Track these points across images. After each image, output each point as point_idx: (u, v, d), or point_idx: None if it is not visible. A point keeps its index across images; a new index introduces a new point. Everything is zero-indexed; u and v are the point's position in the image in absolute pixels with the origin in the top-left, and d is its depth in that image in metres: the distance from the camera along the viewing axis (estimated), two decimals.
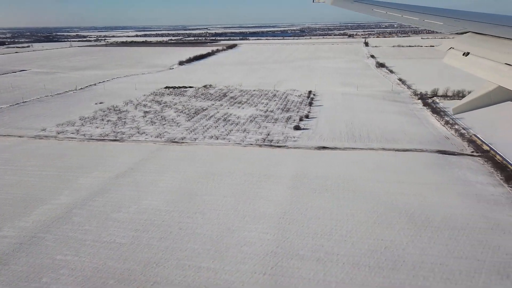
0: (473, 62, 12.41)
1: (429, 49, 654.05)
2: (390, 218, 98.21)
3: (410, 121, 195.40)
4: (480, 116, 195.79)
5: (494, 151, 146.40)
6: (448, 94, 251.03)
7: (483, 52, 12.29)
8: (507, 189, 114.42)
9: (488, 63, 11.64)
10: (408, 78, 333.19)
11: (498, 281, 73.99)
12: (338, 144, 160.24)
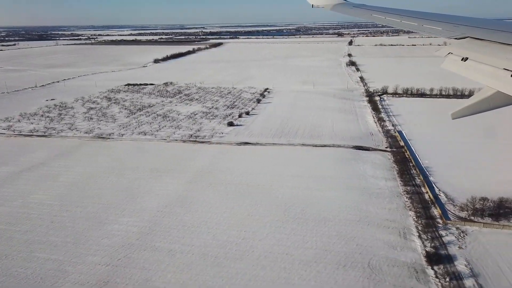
0: (472, 67, 12.52)
1: (410, 47, 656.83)
2: (267, 210, 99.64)
3: (346, 118, 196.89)
4: (420, 114, 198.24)
5: (406, 147, 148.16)
6: (398, 91, 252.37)
7: (482, 58, 12.37)
8: (397, 183, 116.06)
9: (487, 68, 11.73)
10: (371, 76, 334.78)
11: (332, 271, 75.55)
12: (262, 140, 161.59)
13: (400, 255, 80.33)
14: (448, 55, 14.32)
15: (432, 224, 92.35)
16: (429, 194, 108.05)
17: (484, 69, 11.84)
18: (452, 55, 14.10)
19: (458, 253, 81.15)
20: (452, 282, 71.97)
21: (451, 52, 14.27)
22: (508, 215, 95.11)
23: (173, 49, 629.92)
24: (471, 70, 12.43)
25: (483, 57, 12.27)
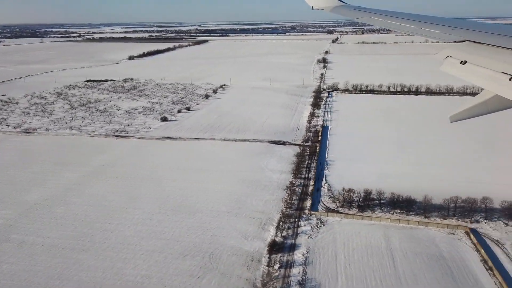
0: (471, 71, 12.46)
1: (391, 45, 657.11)
2: (146, 203, 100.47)
3: (284, 113, 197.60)
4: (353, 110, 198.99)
5: (322, 141, 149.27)
6: (348, 88, 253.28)
7: (480, 61, 12.32)
8: (289, 176, 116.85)
9: (486, 71, 11.64)
10: (335, 73, 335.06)
11: (171, 260, 76.45)
12: (187, 135, 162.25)
13: (247, 245, 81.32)
14: (447, 58, 14.36)
15: (297, 215, 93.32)
16: (312, 186, 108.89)
17: (483, 72, 11.79)
18: (451, 58, 14.13)
19: (304, 242, 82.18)
20: (280, 270, 72.96)
21: (450, 55, 14.29)
22: (375, 206, 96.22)
23: (155, 46, 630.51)
24: (470, 73, 12.41)
25: (482, 61, 12.26)
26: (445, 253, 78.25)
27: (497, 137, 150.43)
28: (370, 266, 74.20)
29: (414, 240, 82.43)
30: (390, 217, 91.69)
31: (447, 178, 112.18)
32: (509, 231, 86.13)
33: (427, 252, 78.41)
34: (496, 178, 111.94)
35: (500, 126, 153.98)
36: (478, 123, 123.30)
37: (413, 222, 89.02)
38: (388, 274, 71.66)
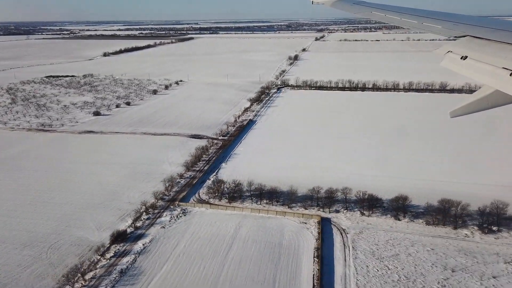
0: (471, 66, 12.38)
1: (373, 43, 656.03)
2: (19, 193, 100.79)
3: (221, 108, 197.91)
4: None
5: (239, 135, 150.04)
6: (299, 84, 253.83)
7: (481, 56, 12.26)
8: (183, 168, 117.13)
9: (486, 67, 11.60)
10: (298, 70, 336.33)
11: (9, 250, 76.90)
12: (111, 129, 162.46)
13: (95, 236, 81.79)
14: (448, 54, 14.28)
15: (163, 206, 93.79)
16: (198, 179, 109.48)
17: (483, 68, 11.71)
18: (451, 53, 14.04)
19: (155, 232, 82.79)
20: (111, 259, 73.49)
21: (451, 50, 14.21)
22: (247, 197, 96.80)
23: (136, 43, 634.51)
24: (470, 68, 12.34)
25: (483, 56, 12.17)
26: (285, 241, 78.90)
27: (377, 127, 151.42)
28: (203, 253, 74.79)
29: (262, 229, 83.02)
30: (252, 207, 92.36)
31: (342, 171, 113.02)
32: (362, 220, 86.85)
33: (268, 240, 79.02)
34: (361, 170, 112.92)
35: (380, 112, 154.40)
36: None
37: (272, 212, 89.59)
38: (216, 261, 72.20)
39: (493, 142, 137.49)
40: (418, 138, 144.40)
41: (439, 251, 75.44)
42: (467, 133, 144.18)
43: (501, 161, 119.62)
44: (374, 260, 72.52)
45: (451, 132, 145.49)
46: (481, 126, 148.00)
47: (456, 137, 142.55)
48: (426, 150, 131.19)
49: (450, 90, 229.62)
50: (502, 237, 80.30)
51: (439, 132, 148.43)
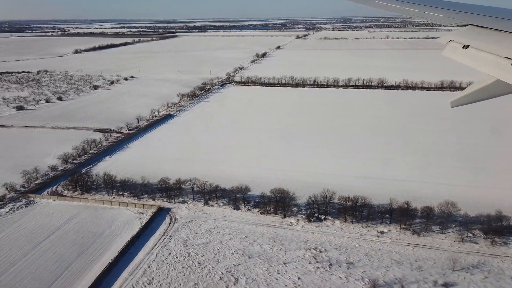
0: (473, 55, 12.18)
1: (352, 41, 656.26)
2: None
3: (149, 103, 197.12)
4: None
5: (146, 129, 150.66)
6: (243, 80, 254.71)
7: (483, 46, 12.03)
8: (60, 161, 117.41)
9: (488, 56, 11.46)
10: (256, 67, 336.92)
11: None
12: (23, 123, 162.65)
13: None
14: (449, 43, 13.99)
15: (13, 197, 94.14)
16: (70, 170, 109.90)
17: (485, 57, 11.54)
18: (453, 42, 13.76)
19: None
20: None
21: (452, 39, 13.93)
22: (101, 189, 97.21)
23: (116, 41, 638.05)
24: (472, 58, 12.16)
25: (484, 45, 11.97)
26: (108, 231, 79.44)
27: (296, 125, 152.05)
28: (17, 242, 75.19)
29: (94, 220, 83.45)
30: (102, 198, 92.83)
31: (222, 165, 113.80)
32: (201, 210, 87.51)
33: (91, 230, 79.48)
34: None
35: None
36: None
37: (115, 203, 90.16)
38: (22, 251, 72.58)
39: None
40: (325, 133, 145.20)
41: (252, 238, 76.05)
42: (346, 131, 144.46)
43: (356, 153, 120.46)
44: (181, 248, 73.08)
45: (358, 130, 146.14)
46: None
47: (342, 133, 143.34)
48: (321, 144, 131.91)
49: (387, 87, 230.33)
50: (324, 226, 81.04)
51: (354, 128, 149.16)
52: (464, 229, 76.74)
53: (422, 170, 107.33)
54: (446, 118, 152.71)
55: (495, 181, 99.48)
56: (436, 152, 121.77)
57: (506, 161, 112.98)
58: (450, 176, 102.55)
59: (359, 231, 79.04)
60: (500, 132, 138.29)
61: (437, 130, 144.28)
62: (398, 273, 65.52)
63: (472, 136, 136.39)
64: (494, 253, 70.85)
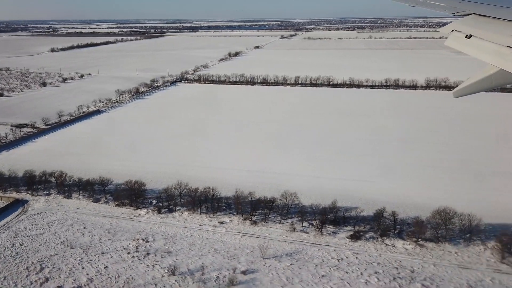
0: (476, 45, 12.00)
1: (335, 41, 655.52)
2: None
3: (87, 99, 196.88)
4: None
5: (69, 123, 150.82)
6: (195, 78, 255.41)
7: (486, 35, 11.82)
8: None
9: (491, 46, 11.27)
10: (221, 66, 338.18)
11: None
12: None
13: None
14: (452, 32, 13.75)
15: None
16: None
17: (488, 46, 11.34)
18: (456, 32, 13.55)
19: None
20: None
21: (455, 29, 13.72)
22: None
23: (98, 40, 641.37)
24: (475, 47, 11.98)
25: (488, 34, 11.77)
26: None
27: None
28: None
29: None
30: None
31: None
32: (58, 203, 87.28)
33: None
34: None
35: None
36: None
37: None
38: None
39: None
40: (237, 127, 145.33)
41: (88, 229, 75.94)
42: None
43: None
44: (10, 238, 72.91)
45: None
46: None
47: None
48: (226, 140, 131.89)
49: (333, 85, 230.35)
50: (170, 217, 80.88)
51: (275, 122, 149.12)
52: (301, 219, 76.56)
53: (295, 164, 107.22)
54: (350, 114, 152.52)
55: (333, 171, 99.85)
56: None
57: (348, 155, 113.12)
58: (295, 168, 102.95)
59: (201, 222, 78.87)
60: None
61: (329, 127, 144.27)
62: (207, 261, 65.34)
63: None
64: (316, 242, 70.74)
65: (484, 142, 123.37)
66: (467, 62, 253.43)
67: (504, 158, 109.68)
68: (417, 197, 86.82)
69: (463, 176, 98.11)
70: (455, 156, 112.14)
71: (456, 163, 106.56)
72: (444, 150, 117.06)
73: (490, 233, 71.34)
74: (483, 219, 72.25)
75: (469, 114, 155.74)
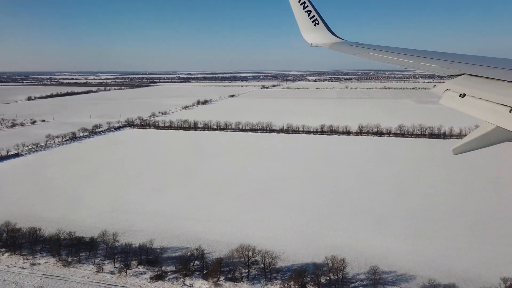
0: (470, 103, 12.39)
1: (312, 90, 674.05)
2: None
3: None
4: None
5: None
6: (141, 123, 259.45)
7: (479, 94, 12.34)
8: None
9: (485, 104, 11.66)
10: (182, 113, 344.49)
11: None
12: None
13: None
14: (446, 92, 14.26)
15: None
16: None
17: (483, 104, 11.74)
18: (449, 91, 14.09)
19: None
20: None
21: (449, 88, 14.29)
22: None
23: (79, 89, 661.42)
24: (469, 105, 12.37)
25: (481, 93, 12.29)
26: None
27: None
28: None
29: None
30: None
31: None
32: None
33: None
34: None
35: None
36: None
37: None
38: None
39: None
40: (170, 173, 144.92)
41: None
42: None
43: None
44: None
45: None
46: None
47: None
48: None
49: (271, 131, 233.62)
50: None
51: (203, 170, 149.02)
52: (113, 261, 74.12)
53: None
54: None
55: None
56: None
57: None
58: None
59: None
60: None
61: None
62: None
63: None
64: (114, 283, 67.86)
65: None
66: (422, 110, 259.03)
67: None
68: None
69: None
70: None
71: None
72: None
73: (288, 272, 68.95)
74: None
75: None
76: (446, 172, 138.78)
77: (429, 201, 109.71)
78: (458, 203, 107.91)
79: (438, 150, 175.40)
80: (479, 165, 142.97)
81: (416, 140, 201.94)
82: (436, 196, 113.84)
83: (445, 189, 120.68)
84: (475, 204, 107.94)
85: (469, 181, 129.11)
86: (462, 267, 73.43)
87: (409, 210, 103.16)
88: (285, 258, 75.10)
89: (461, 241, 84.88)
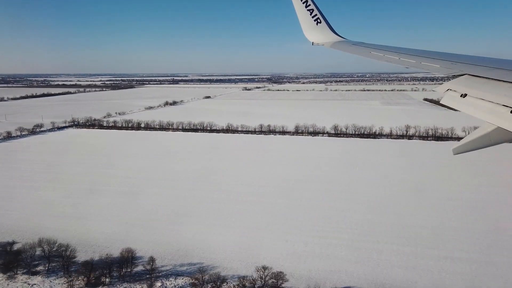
0: (471, 104, 12.42)
1: (292, 92, 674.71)
2: None
3: None
4: None
5: None
6: (87, 123, 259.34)
7: (480, 94, 12.35)
8: None
9: (486, 104, 11.68)
10: (145, 114, 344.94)
11: None
12: None
13: None
14: (447, 92, 14.30)
15: None
16: None
17: (483, 105, 11.79)
18: (451, 91, 14.13)
19: None
20: None
21: (450, 88, 14.33)
22: None
23: (57, 91, 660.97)
24: (470, 106, 12.40)
25: (482, 94, 12.31)
26: None
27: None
28: None
29: None
30: None
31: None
32: None
33: None
34: None
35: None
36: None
37: None
38: None
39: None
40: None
41: None
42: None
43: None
44: None
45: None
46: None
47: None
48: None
49: (233, 131, 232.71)
50: None
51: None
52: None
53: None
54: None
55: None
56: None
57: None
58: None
59: None
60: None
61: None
62: None
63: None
64: None
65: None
66: (377, 111, 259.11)
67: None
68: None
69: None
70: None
71: None
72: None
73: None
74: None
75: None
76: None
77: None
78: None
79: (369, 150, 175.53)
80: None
81: (347, 140, 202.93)
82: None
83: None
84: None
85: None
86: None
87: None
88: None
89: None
